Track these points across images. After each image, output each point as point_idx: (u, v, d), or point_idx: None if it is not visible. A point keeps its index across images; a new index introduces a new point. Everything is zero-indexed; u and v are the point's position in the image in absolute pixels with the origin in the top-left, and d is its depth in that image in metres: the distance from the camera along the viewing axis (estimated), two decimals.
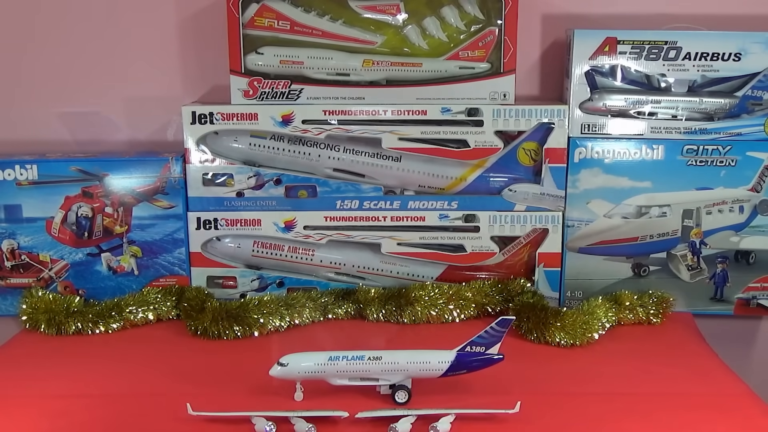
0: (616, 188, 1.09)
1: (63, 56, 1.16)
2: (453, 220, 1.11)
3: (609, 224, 1.10)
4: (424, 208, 1.11)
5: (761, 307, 1.14)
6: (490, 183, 1.10)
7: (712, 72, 1.06)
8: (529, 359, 0.98)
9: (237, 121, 1.07)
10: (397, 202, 1.11)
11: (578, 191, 1.09)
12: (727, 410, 0.84)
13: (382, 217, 1.10)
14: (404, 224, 1.11)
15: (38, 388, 0.91)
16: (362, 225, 1.11)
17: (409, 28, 1.09)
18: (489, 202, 1.10)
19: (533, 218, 1.10)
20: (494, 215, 1.10)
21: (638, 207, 1.10)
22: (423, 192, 1.11)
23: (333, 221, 1.11)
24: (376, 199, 1.10)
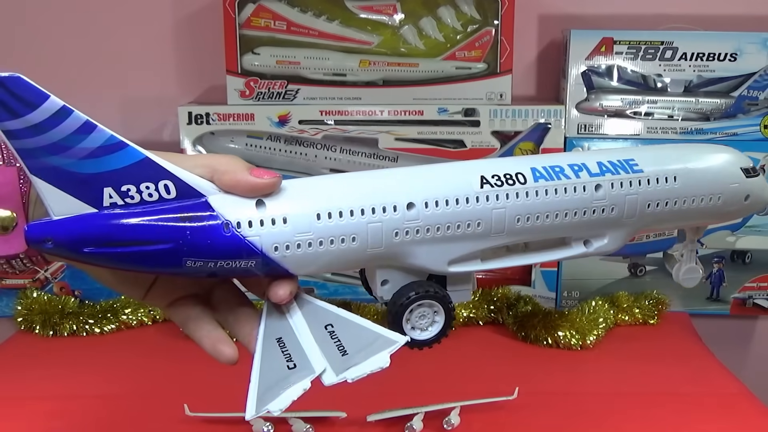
0: None
1: (58, 56, 1.16)
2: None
3: None
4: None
5: (757, 307, 1.14)
6: None
7: (708, 72, 1.06)
8: (528, 360, 0.98)
9: (233, 121, 1.07)
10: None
11: None
12: (724, 410, 0.84)
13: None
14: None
15: (33, 390, 0.90)
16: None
17: (406, 28, 1.09)
18: None
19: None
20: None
21: None
22: None
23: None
24: None
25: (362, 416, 0.80)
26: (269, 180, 0.48)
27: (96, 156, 0.45)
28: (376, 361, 0.47)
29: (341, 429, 0.80)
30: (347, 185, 0.51)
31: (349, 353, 0.48)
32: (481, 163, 0.54)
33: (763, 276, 1.13)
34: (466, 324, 1.08)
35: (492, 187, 0.52)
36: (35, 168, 0.44)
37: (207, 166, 0.48)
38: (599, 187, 0.55)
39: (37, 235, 0.46)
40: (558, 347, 1.01)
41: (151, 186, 0.46)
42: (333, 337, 0.49)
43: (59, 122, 0.43)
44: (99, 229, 0.46)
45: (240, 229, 0.47)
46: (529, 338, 1.03)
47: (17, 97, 0.42)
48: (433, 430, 0.79)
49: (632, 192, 0.56)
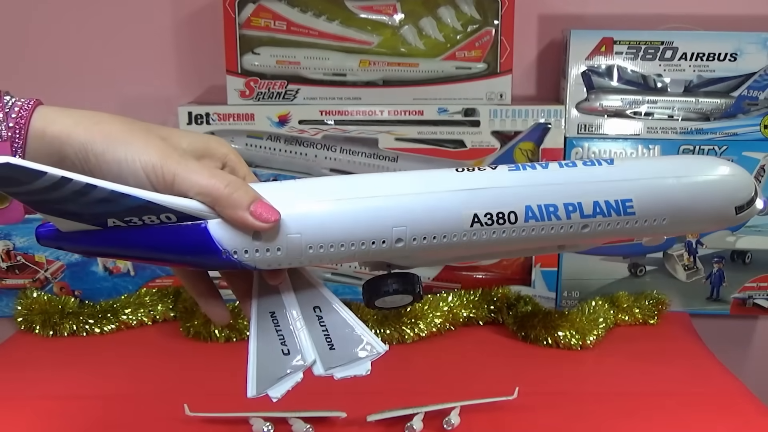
0: None
1: (57, 56, 1.16)
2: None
3: None
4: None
5: (757, 307, 1.14)
6: None
7: (708, 72, 1.06)
8: (528, 360, 0.98)
9: (233, 121, 1.07)
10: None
11: None
12: (724, 410, 0.84)
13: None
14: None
15: (33, 390, 0.90)
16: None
17: (406, 28, 1.09)
18: None
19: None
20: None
21: None
22: None
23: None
24: None
25: (362, 416, 0.80)
26: (267, 225, 0.49)
27: (99, 203, 0.47)
28: (359, 368, 0.52)
29: (341, 429, 0.80)
30: (341, 216, 0.52)
31: (336, 349, 0.52)
32: (477, 197, 0.54)
33: (763, 276, 1.13)
34: (466, 324, 1.08)
35: (482, 226, 0.53)
36: (41, 210, 0.47)
37: (208, 195, 0.49)
38: (586, 227, 0.56)
39: (47, 240, 0.49)
40: (558, 347, 1.01)
41: (153, 217, 0.48)
42: (321, 324, 0.53)
43: (59, 188, 0.45)
44: (105, 245, 0.49)
45: (236, 256, 0.50)
46: (529, 338, 1.03)
47: (13, 178, 0.43)
48: (433, 430, 0.79)
49: (617, 230, 0.57)
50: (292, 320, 0.53)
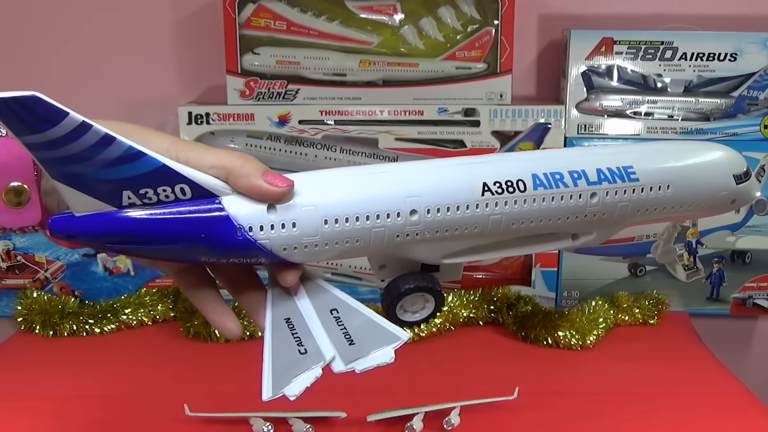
0: None
1: (58, 56, 1.16)
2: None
3: None
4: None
5: (757, 307, 1.14)
6: None
7: (708, 72, 1.06)
8: (528, 360, 0.98)
9: (233, 121, 1.07)
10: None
11: None
12: (724, 410, 0.84)
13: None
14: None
15: (33, 390, 0.90)
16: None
17: (406, 28, 1.09)
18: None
19: None
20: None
21: None
22: None
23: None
24: None
25: (362, 416, 0.80)
26: (282, 188, 0.49)
27: (115, 165, 0.46)
28: (382, 356, 0.50)
29: (341, 429, 0.80)
30: (355, 188, 0.52)
31: (355, 343, 0.50)
32: (484, 167, 0.56)
33: (763, 276, 1.13)
34: (466, 324, 1.08)
35: (493, 195, 0.54)
36: (56, 174, 0.46)
37: (222, 168, 0.49)
38: (595, 195, 0.57)
39: (60, 230, 0.48)
40: (558, 347, 1.01)
41: (167, 189, 0.48)
42: (339, 323, 0.52)
43: (79, 137, 0.44)
44: (118, 228, 0.48)
45: (251, 233, 0.49)
46: (529, 338, 1.03)
47: (36, 116, 0.42)
48: (433, 430, 0.79)
49: (625, 199, 0.58)
50: (309, 322, 0.52)
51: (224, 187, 0.49)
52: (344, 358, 0.49)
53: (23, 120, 0.42)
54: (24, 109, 0.42)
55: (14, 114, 0.42)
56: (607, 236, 0.62)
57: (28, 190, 0.49)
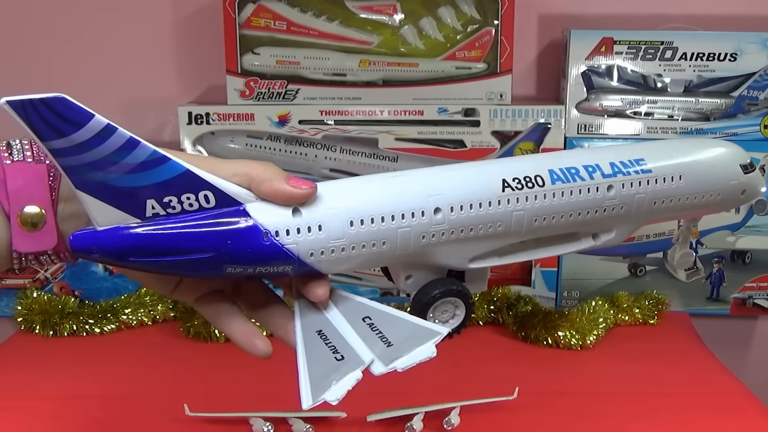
0: None
1: (57, 56, 1.16)
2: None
3: None
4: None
5: (757, 307, 1.14)
6: None
7: (708, 72, 1.06)
8: (528, 360, 0.98)
9: (233, 121, 1.07)
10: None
11: None
12: (724, 410, 0.84)
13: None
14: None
15: (33, 390, 0.90)
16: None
17: (406, 28, 1.09)
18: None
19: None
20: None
21: None
22: None
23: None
24: None
25: (362, 416, 0.80)
26: (306, 190, 0.49)
27: (139, 171, 0.46)
28: (423, 351, 0.49)
29: (341, 429, 0.80)
30: (377, 190, 0.53)
31: (393, 344, 0.50)
32: (502, 166, 0.57)
33: (763, 276, 1.13)
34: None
35: (513, 191, 0.55)
36: (80, 183, 0.45)
37: (244, 175, 0.49)
38: (611, 187, 0.58)
39: (82, 246, 0.47)
40: (558, 347, 1.01)
41: (191, 196, 0.47)
42: (374, 329, 0.51)
43: (103, 140, 0.44)
44: (143, 240, 0.47)
45: (278, 238, 0.49)
46: (529, 338, 1.03)
47: (62, 117, 0.42)
48: (433, 430, 0.79)
49: (641, 191, 0.59)
50: (343, 332, 0.51)
51: (248, 194, 0.49)
52: (384, 360, 0.49)
53: (49, 123, 0.42)
54: (50, 112, 0.42)
55: (40, 117, 0.42)
56: (627, 234, 0.63)
57: (44, 214, 0.49)
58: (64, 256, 0.51)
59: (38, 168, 0.49)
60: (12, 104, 0.41)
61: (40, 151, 0.49)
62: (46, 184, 0.49)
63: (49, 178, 0.49)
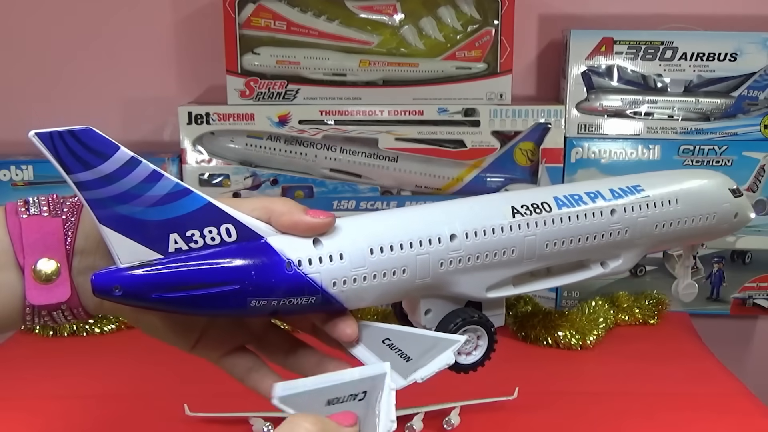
0: None
1: (58, 56, 1.16)
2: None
3: None
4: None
5: (757, 307, 1.14)
6: (487, 183, 1.10)
7: (708, 72, 1.06)
8: (528, 360, 0.98)
9: (233, 121, 1.07)
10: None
11: None
12: (724, 410, 0.84)
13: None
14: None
15: (34, 390, 0.90)
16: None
17: (406, 28, 1.09)
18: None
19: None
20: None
21: None
22: (420, 192, 1.11)
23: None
24: (372, 200, 1.10)
25: None
26: (325, 220, 0.50)
27: (163, 203, 0.46)
28: (442, 359, 0.50)
29: None
30: (394, 219, 0.55)
31: (412, 358, 0.50)
32: (510, 195, 0.59)
33: (763, 276, 1.13)
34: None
35: (522, 216, 0.57)
36: (104, 217, 0.45)
37: (264, 209, 0.50)
38: (614, 211, 0.61)
39: (104, 283, 0.46)
40: (558, 347, 1.01)
41: (213, 230, 0.48)
42: (393, 349, 0.52)
43: (129, 172, 0.44)
44: (167, 274, 0.46)
45: (301, 267, 0.49)
46: (529, 338, 1.03)
47: (89, 149, 0.42)
48: (433, 430, 0.79)
49: (642, 215, 0.62)
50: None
51: (268, 228, 0.50)
52: (403, 374, 0.49)
53: (76, 154, 0.42)
54: (77, 143, 0.42)
55: (67, 148, 0.42)
56: (634, 260, 0.65)
57: (59, 266, 0.48)
58: (77, 311, 0.51)
59: (54, 222, 0.49)
60: (40, 136, 0.42)
61: (56, 206, 0.50)
62: (61, 237, 0.49)
63: (64, 232, 0.49)
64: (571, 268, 0.64)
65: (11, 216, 0.50)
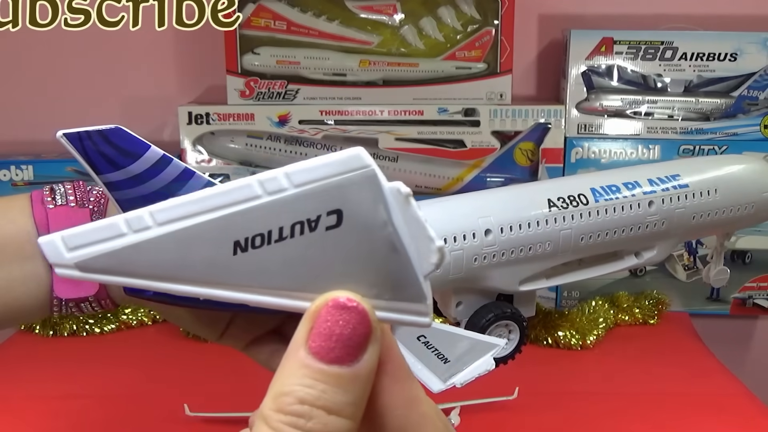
0: None
1: (58, 56, 1.16)
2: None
3: None
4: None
5: (757, 307, 1.14)
6: (487, 183, 1.10)
7: (708, 72, 1.06)
8: (528, 360, 0.98)
9: (233, 121, 1.07)
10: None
11: None
12: (724, 410, 0.84)
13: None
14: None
15: (34, 390, 0.90)
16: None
17: (406, 28, 1.09)
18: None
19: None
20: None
21: None
22: (420, 192, 1.11)
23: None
24: None
25: None
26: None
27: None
28: (482, 364, 0.49)
29: None
30: (430, 213, 0.52)
31: (450, 360, 0.49)
32: (545, 186, 0.59)
33: (763, 276, 1.13)
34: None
35: (559, 210, 0.56)
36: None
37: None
38: (652, 203, 0.60)
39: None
40: (558, 347, 1.01)
41: None
42: (429, 347, 0.51)
43: (159, 171, 0.43)
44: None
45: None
46: (529, 338, 1.03)
47: (118, 149, 0.42)
48: None
49: (680, 206, 0.61)
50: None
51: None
52: (441, 377, 0.48)
53: (105, 155, 0.42)
54: (106, 143, 0.42)
55: (96, 149, 0.42)
56: (669, 251, 0.64)
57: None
58: (105, 303, 0.50)
59: (81, 213, 0.49)
60: (68, 136, 0.41)
61: (83, 195, 0.49)
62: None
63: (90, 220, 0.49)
64: (603, 259, 0.62)
65: (37, 205, 0.49)
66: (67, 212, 0.49)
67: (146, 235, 0.28)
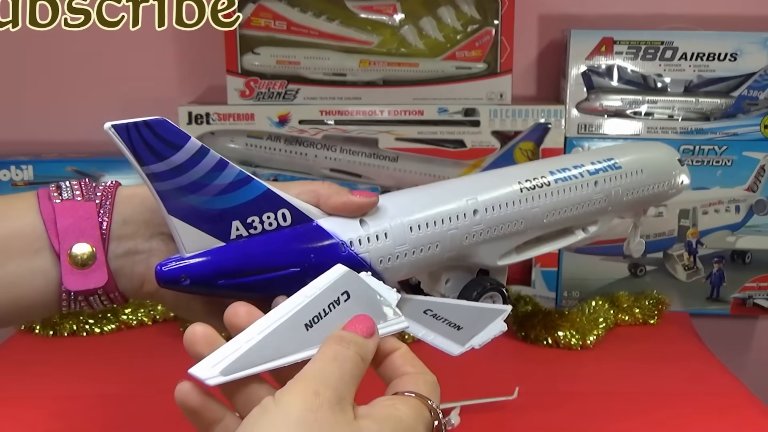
0: None
1: (58, 56, 1.16)
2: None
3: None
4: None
5: (757, 307, 1.14)
6: None
7: (708, 72, 1.06)
8: (528, 360, 0.98)
9: (233, 121, 1.07)
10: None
11: None
12: (724, 410, 0.84)
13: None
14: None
15: (33, 390, 0.90)
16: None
17: (406, 28, 1.09)
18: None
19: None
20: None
21: None
22: None
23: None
24: None
25: None
26: (372, 199, 0.53)
27: (227, 192, 0.47)
28: (496, 327, 0.53)
29: None
30: (426, 198, 0.59)
31: (463, 327, 0.53)
32: (511, 170, 0.67)
33: (763, 276, 1.13)
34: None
35: (528, 191, 0.64)
36: (172, 208, 0.46)
37: (311, 192, 0.52)
38: (597, 183, 0.70)
39: (172, 274, 0.47)
40: (558, 347, 1.01)
41: (271, 215, 0.49)
42: (438, 318, 0.54)
43: (198, 162, 0.45)
44: (234, 261, 0.48)
45: (353, 247, 0.52)
46: (529, 338, 1.03)
47: (163, 140, 0.44)
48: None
49: (617, 185, 0.72)
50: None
51: (317, 211, 0.52)
52: (459, 342, 0.52)
53: (150, 145, 0.43)
54: (152, 134, 0.43)
55: (142, 140, 0.43)
56: (607, 225, 0.75)
57: (94, 251, 0.49)
58: (114, 296, 0.51)
59: (88, 206, 0.49)
60: (116, 128, 0.43)
61: (89, 190, 0.50)
62: (96, 222, 0.49)
63: (98, 217, 0.49)
64: (558, 235, 0.71)
65: (44, 201, 0.49)
66: (73, 205, 0.49)
67: (253, 341, 0.44)
